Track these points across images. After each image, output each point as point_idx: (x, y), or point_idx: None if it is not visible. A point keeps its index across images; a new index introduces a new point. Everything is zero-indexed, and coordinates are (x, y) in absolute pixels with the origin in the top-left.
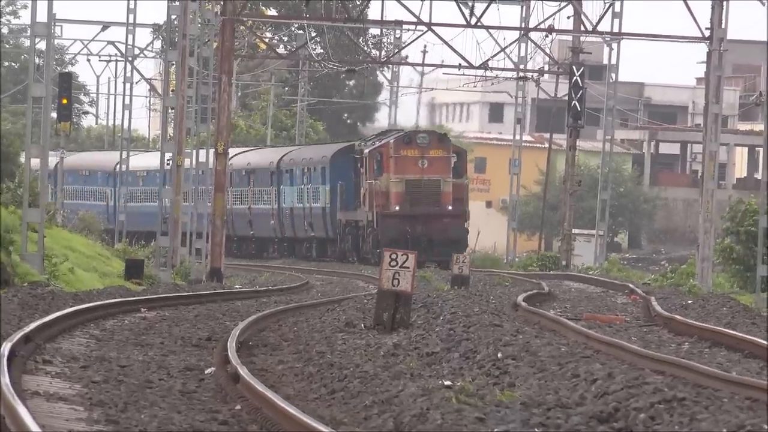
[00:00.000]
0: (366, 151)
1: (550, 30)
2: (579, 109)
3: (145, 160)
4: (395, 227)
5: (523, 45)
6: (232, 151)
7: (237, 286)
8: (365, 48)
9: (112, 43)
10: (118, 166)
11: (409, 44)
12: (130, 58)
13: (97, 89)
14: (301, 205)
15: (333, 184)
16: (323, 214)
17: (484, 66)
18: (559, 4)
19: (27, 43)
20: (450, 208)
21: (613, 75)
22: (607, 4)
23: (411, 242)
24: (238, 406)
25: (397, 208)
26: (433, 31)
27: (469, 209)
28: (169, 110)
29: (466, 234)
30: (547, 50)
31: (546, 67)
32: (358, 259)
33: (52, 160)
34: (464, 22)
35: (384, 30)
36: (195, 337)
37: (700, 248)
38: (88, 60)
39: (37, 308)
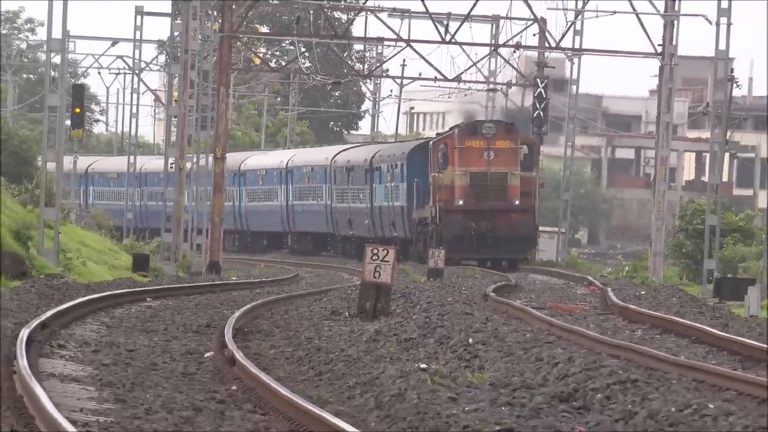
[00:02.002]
0: (431, 143)
1: (518, 46)
2: (543, 117)
3: (264, 159)
4: (458, 223)
5: (493, 60)
6: (335, 149)
7: (233, 278)
8: (350, 62)
9: (120, 57)
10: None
11: (389, 59)
12: (136, 71)
13: (107, 99)
14: (387, 203)
15: (410, 181)
16: (402, 213)
17: (457, 79)
18: (526, 23)
19: (43, 57)
20: (517, 202)
21: (574, 87)
22: (569, 23)
23: (475, 239)
24: (234, 386)
25: (461, 202)
26: (411, 47)
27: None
28: (173, 118)
29: (534, 230)
30: (515, 64)
31: (514, 80)
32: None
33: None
34: (440, 39)
35: (367, 46)
36: (195, 324)
37: (653, 244)
38: (99, 73)
39: (53, 298)
